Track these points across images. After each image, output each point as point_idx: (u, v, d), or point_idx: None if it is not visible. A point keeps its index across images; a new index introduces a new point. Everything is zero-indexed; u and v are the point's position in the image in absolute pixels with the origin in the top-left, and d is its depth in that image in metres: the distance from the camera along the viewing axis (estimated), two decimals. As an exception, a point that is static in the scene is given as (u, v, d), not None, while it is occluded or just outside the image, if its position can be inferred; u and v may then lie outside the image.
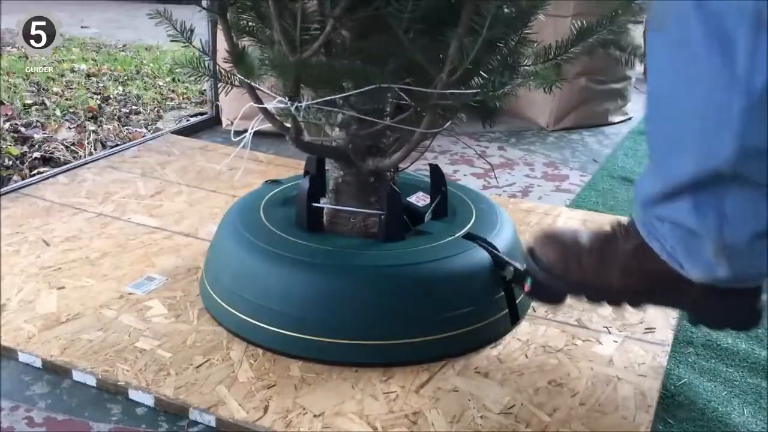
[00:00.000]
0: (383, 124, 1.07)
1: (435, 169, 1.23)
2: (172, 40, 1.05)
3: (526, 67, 1.07)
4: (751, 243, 0.86)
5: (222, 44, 1.08)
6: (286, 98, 1.00)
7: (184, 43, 1.06)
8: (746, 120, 0.77)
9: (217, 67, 1.11)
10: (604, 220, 1.57)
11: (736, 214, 0.85)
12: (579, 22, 1.08)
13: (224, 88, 1.12)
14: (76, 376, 1.02)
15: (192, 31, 1.06)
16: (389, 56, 0.99)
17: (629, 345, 1.12)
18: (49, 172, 1.73)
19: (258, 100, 1.07)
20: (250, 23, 1.08)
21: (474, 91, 0.94)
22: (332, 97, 1.03)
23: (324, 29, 0.94)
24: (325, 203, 1.20)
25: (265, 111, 1.07)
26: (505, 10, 0.93)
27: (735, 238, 0.86)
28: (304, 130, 1.07)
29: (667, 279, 0.94)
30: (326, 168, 1.23)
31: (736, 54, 0.76)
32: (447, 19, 0.93)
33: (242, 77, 1.03)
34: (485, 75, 0.96)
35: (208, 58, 1.11)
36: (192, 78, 0.99)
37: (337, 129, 1.16)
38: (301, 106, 0.99)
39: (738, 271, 0.90)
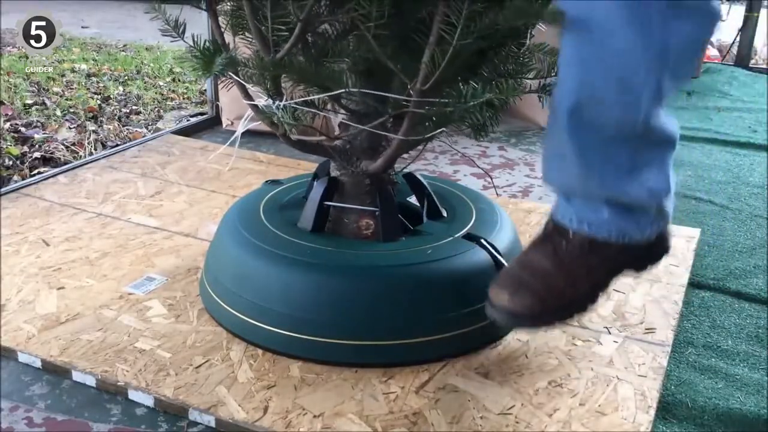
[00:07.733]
0: (361, 129, 1.07)
1: (409, 177, 1.23)
2: (163, 35, 1.05)
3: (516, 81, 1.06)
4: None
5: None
6: (266, 97, 1.01)
7: (174, 37, 1.06)
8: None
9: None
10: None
11: (662, 170, 0.93)
12: None
13: (224, 83, 1.12)
14: (76, 376, 1.02)
15: (184, 25, 1.06)
16: (364, 61, 0.98)
17: (629, 345, 1.12)
18: (49, 172, 1.73)
19: (249, 97, 1.07)
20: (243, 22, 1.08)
21: (444, 101, 0.93)
22: (309, 98, 1.03)
23: (301, 30, 0.94)
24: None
25: (255, 108, 1.07)
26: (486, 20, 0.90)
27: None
28: (288, 128, 1.06)
29: (618, 255, 0.96)
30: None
31: None
32: (419, 27, 0.92)
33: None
34: (460, 87, 0.94)
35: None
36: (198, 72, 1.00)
37: (336, 129, 1.16)
38: (279, 105, 0.99)
39: (671, 211, 0.97)
